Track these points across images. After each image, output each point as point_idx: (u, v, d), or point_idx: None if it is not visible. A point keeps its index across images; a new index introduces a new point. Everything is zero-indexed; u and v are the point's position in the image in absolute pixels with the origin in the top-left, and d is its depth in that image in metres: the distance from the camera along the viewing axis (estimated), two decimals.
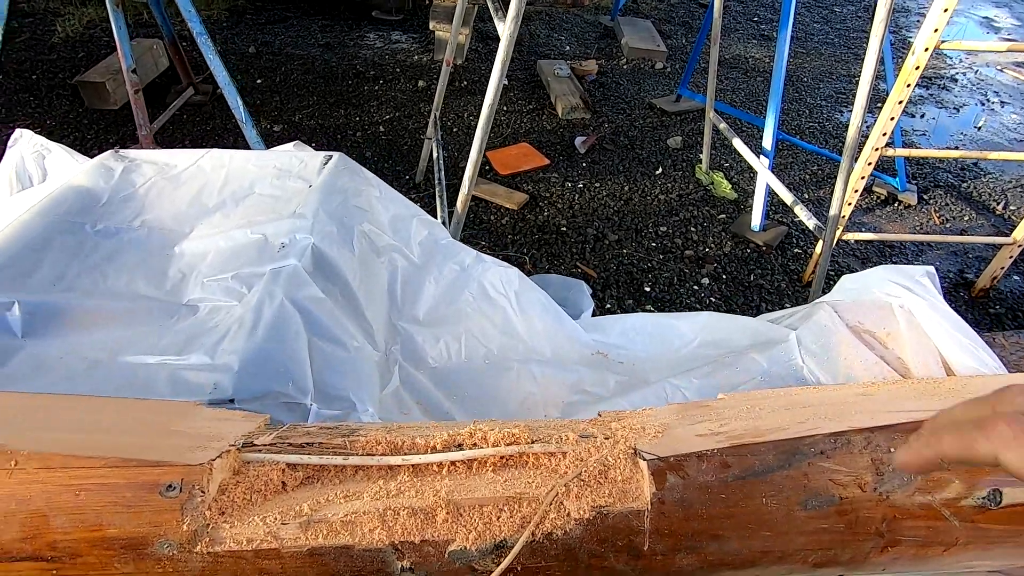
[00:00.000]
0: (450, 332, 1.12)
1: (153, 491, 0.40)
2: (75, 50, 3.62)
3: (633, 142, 3.29)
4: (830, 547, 0.45)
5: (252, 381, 0.73)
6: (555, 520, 0.43)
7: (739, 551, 0.45)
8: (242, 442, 0.47)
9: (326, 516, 0.42)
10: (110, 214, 0.99)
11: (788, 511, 0.44)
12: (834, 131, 3.61)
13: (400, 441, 0.48)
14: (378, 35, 4.23)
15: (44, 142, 1.32)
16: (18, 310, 0.80)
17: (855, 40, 4.94)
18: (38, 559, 0.40)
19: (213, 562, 0.41)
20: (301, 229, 0.95)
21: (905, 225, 2.89)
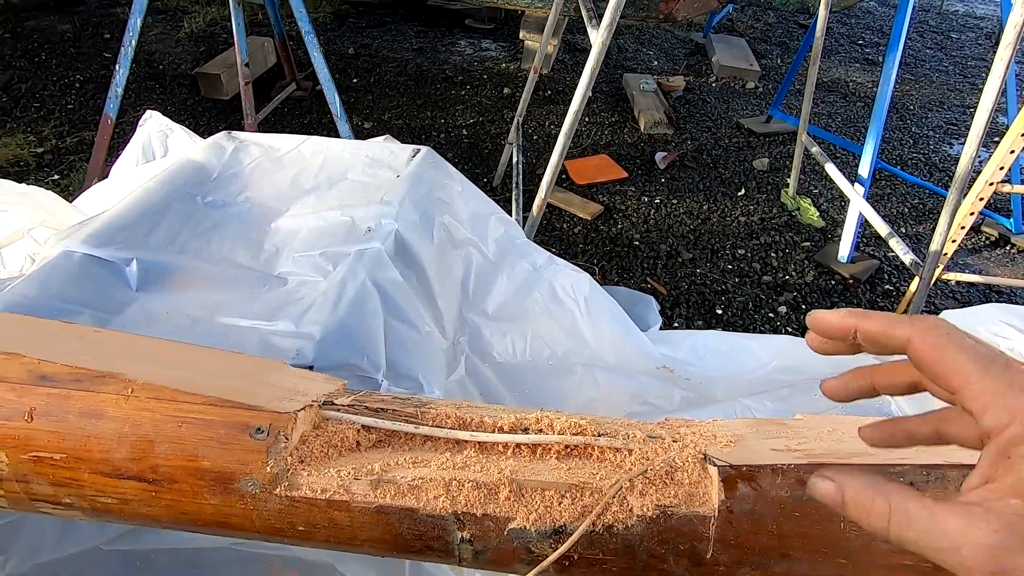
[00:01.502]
0: (517, 329, 1.13)
1: (244, 432, 0.44)
2: (197, 44, 3.97)
3: (716, 161, 3.20)
4: None
5: (331, 351, 0.77)
6: (617, 513, 0.42)
7: (808, 574, 0.42)
8: (323, 400, 0.49)
9: (395, 478, 0.44)
10: (219, 188, 1.08)
11: (869, 541, 0.42)
12: (940, 164, 3.36)
13: (469, 418, 0.50)
14: (469, 42, 4.36)
15: (169, 123, 1.45)
16: (136, 266, 0.88)
17: (972, 69, 4.58)
18: (142, 480, 0.44)
19: (289, 505, 0.44)
20: (387, 215, 1.00)
21: (1017, 271, 2.63)
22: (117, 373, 0.46)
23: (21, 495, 0.45)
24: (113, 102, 2.36)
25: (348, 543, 0.45)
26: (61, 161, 2.84)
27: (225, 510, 0.44)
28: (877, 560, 0.42)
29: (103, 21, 4.13)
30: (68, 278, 0.84)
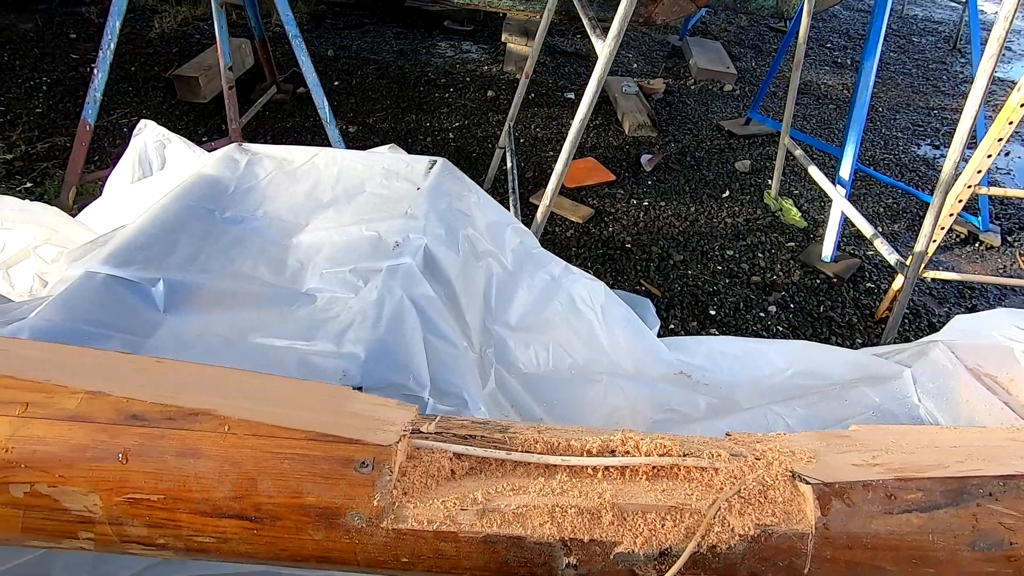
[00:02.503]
0: (539, 340, 1.13)
1: (348, 466, 0.43)
2: (169, 46, 3.84)
3: (700, 163, 3.27)
4: None
5: (376, 370, 0.76)
6: (720, 534, 0.44)
7: None
8: (411, 429, 0.49)
9: (499, 506, 0.44)
10: (236, 203, 1.06)
11: (954, 551, 0.44)
12: (910, 164, 3.50)
13: (556, 442, 0.50)
14: (449, 44, 4.34)
15: (165, 133, 1.41)
16: (162, 286, 0.86)
17: (934, 72, 4.77)
18: (243, 518, 0.43)
19: (396, 538, 0.43)
20: (414, 229, 0.99)
21: (986, 267, 2.76)
22: (209, 410, 0.45)
23: (112, 538, 0.44)
24: (92, 107, 2.27)
25: (450, 573, 0.45)
26: (32, 168, 2.72)
27: (328, 545, 0.44)
28: (962, 568, 0.44)
29: (67, 20, 3.97)
30: (93, 301, 0.81)
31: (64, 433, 0.43)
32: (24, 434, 0.43)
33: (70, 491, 0.42)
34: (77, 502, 0.42)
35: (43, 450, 0.43)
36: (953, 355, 0.84)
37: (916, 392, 0.81)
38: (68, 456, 0.43)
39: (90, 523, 0.43)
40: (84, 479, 0.42)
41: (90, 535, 0.44)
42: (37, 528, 0.43)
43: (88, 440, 0.43)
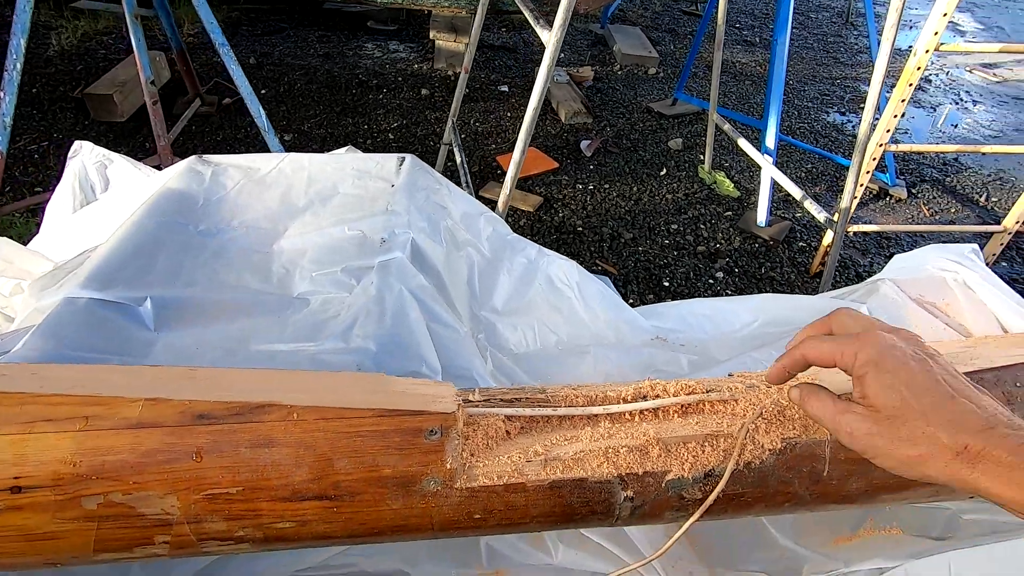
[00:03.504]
0: (524, 321, 1.18)
1: (419, 436, 0.46)
2: (73, 63, 3.59)
3: (636, 144, 3.41)
4: None
5: (391, 361, 0.78)
6: (752, 451, 0.49)
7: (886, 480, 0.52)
8: (461, 399, 0.52)
9: (559, 455, 0.48)
10: (208, 215, 1.03)
11: None
12: (823, 131, 3.78)
13: (593, 394, 0.55)
14: (376, 45, 4.29)
15: (106, 152, 1.35)
16: (150, 304, 0.84)
17: (832, 45, 5.16)
18: (323, 498, 0.45)
19: (469, 496, 0.47)
20: (398, 225, 1.01)
21: (897, 218, 3.05)
22: (274, 402, 0.46)
23: (190, 537, 0.45)
24: (1, 134, 2.10)
25: (519, 523, 0.49)
26: None
27: (406, 512, 0.46)
28: None
29: None
30: (80, 326, 0.78)
31: (132, 440, 0.43)
32: (90, 446, 0.43)
33: (146, 495, 0.43)
34: (154, 505, 0.43)
35: (113, 459, 0.43)
36: (899, 289, 0.95)
37: None
38: (140, 462, 0.43)
39: (168, 525, 0.44)
40: (159, 482, 0.43)
41: (166, 538, 0.45)
42: (112, 539, 0.44)
43: (158, 444, 0.43)
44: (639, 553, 0.74)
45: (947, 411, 0.38)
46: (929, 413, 0.38)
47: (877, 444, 0.40)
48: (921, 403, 0.39)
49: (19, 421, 0.43)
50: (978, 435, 0.37)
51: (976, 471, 0.36)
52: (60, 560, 0.44)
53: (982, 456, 0.36)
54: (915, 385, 0.40)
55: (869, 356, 0.41)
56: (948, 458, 0.37)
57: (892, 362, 0.40)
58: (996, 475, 0.36)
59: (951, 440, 0.37)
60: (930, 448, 0.38)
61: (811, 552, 0.72)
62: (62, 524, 0.42)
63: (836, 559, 0.70)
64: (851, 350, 0.42)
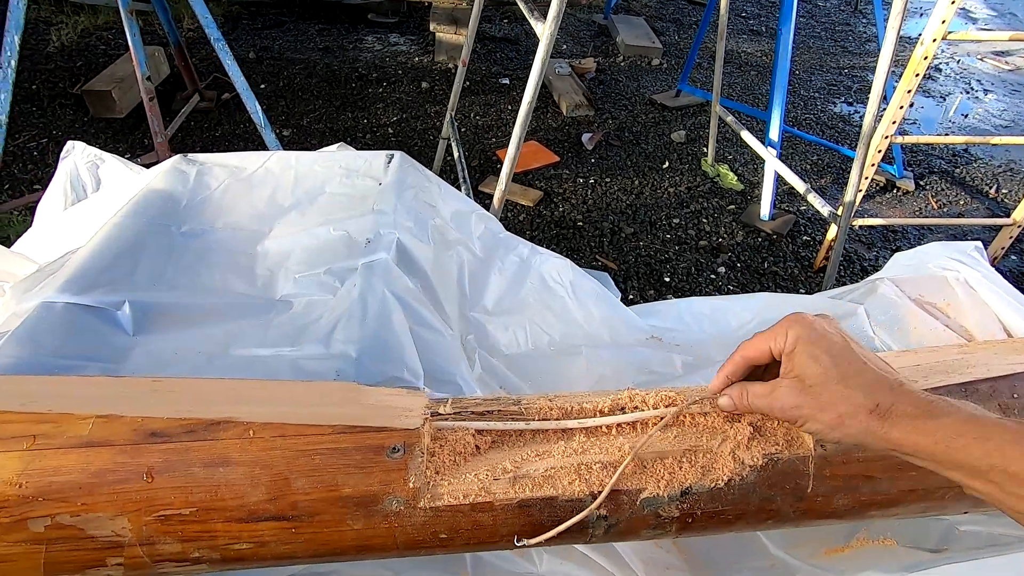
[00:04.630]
0: (516, 321, 1.16)
1: (380, 453, 0.44)
2: (72, 59, 3.58)
3: (638, 137, 3.36)
4: None
5: (372, 367, 0.76)
6: (733, 468, 0.47)
7: (888, 491, 0.50)
8: (430, 412, 0.50)
9: (528, 472, 0.46)
10: (192, 216, 1.02)
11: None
12: (829, 122, 3.72)
13: (569, 406, 0.53)
14: (376, 38, 4.25)
15: (97, 152, 1.33)
16: (128, 309, 0.82)
17: (840, 34, 5.07)
18: (280, 518, 0.43)
19: (434, 516, 0.45)
20: (384, 224, 0.99)
21: (904, 210, 2.99)
22: (230, 418, 0.45)
23: (144, 559, 0.43)
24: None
25: (487, 542, 0.47)
26: None
27: (368, 533, 0.45)
28: None
29: None
30: (57, 332, 0.77)
31: (81, 460, 0.42)
32: (37, 467, 0.41)
33: (96, 517, 0.41)
34: (104, 527, 0.42)
35: (61, 480, 0.41)
36: (898, 289, 0.92)
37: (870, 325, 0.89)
38: (89, 482, 0.41)
39: (119, 547, 0.42)
40: (109, 503, 0.42)
41: (119, 560, 0.43)
42: (62, 561, 0.42)
43: (109, 463, 0.42)
44: (625, 564, 0.72)
45: (862, 376, 0.43)
46: (848, 377, 0.43)
47: (804, 411, 0.44)
48: (840, 369, 0.43)
49: None
50: (888, 393, 0.41)
51: (886, 424, 0.40)
52: None
53: (891, 411, 0.40)
54: (835, 354, 0.44)
55: (798, 333, 0.46)
56: (864, 416, 0.41)
57: (816, 335, 0.45)
58: (903, 426, 0.40)
59: (866, 399, 0.41)
60: (848, 407, 0.42)
61: (802, 563, 0.70)
62: (9, 547, 0.41)
63: (828, 570, 0.68)
64: (782, 331, 0.47)
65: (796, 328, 0.46)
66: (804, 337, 0.45)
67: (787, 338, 0.46)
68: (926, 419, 0.39)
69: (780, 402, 0.45)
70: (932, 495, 0.51)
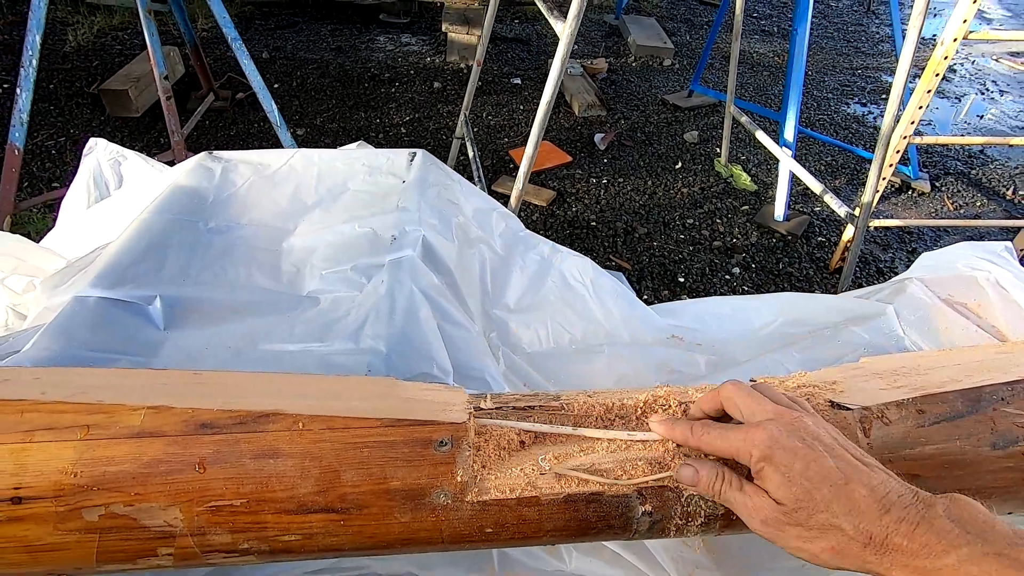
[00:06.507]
0: (538, 319, 1.16)
1: (428, 447, 0.44)
2: (89, 59, 3.62)
3: (650, 138, 3.36)
4: (1012, 484, 0.50)
5: (401, 362, 0.77)
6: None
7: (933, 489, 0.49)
8: (472, 407, 0.50)
9: (574, 467, 0.46)
10: (218, 213, 1.02)
11: (977, 452, 0.49)
12: (843, 123, 3.70)
13: (610, 403, 0.52)
14: (388, 38, 4.26)
15: (120, 149, 1.34)
16: (159, 303, 0.83)
17: (853, 34, 5.04)
18: (329, 511, 0.43)
19: (481, 510, 0.45)
20: (409, 222, 0.99)
21: (920, 212, 2.97)
22: (279, 410, 0.45)
23: (194, 549, 0.43)
24: (19, 130, 2.12)
25: (532, 537, 0.47)
26: None
27: (415, 526, 0.45)
28: (985, 467, 0.50)
29: None
30: (90, 325, 0.78)
31: (134, 450, 0.42)
32: (91, 456, 0.42)
33: (148, 507, 0.42)
34: (156, 517, 0.42)
35: (114, 470, 0.42)
36: (927, 288, 0.91)
37: (900, 325, 0.88)
38: (142, 473, 0.42)
39: (171, 537, 0.43)
40: (162, 493, 0.42)
41: (170, 550, 0.43)
42: (114, 551, 0.42)
43: (161, 454, 0.42)
44: (656, 562, 0.72)
45: (844, 499, 0.38)
46: (831, 503, 0.38)
47: (791, 539, 0.39)
48: (821, 493, 0.38)
49: (19, 430, 0.42)
50: (876, 522, 0.37)
51: (886, 560, 0.36)
52: (63, 571, 0.43)
53: (886, 545, 0.36)
54: (811, 475, 0.39)
55: (762, 453, 0.41)
56: (858, 549, 0.37)
57: (784, 455, 0.40)
58: (903, 564, 0.35)
59: (855, 531, 0.37)
60: (839, 540, 0.37)
61: None
62: (63, 536, 0.41)
63: None
64: (744, 449, 0.42)
65: (759, 448, 0.40)
66: (770, 459, 0.40)
67: (752, 457, 0.41)
68: (935, 557, 0.34)
69: (763, 515, 0.40)
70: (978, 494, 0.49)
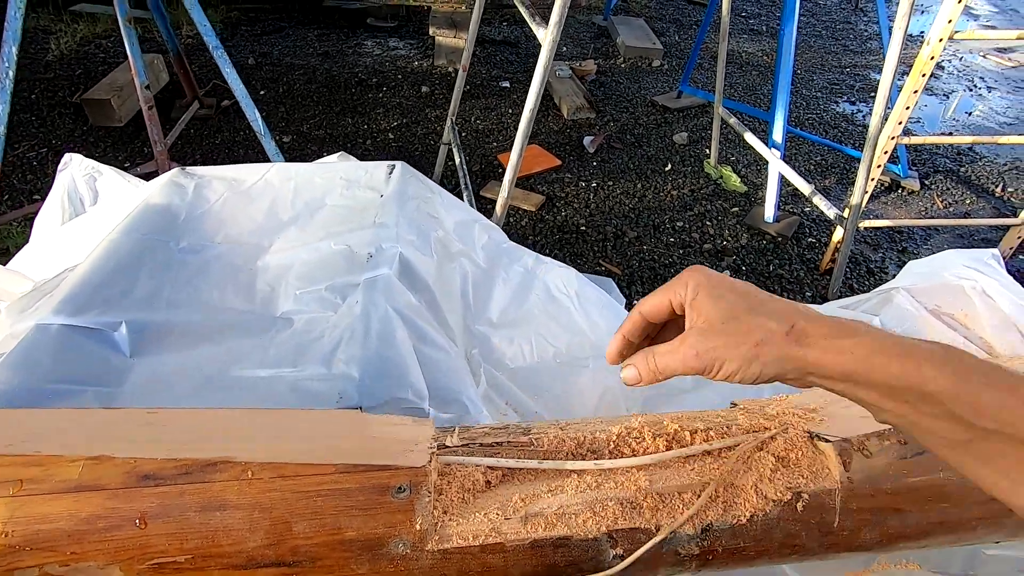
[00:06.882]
0: (521, 333, 1.14)
1: (385, 493, 0.42)
2: (71, 68, 3.58)
3: (640, 140, 3.34)
4: (999, 515, 0.48)
5: (375, 388, 0.74)
6: (755, 503, 0.45)
7: (918, 523, 0.47)
8: (437, 445, 0.48)
9: (541, 510, 0.44)
10: (190, 231, 1.00)
11: (963, 483, 0.47)
12: (832, 121, 3.69)
13: (582, 436, 0.50)
14: (375, 42, 4.24)
15: (95, 165, 1.32)
16: (125, 329, 0.80)
17: (841, 32, 5.04)
18: (281, 564, 0.41)
19: (442, 559, 0.43)
20: (386, 238, 0.97)
21: (910, 210, 2.97)
22: (227, 458, 0.42)
23: None
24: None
25: None
26: None
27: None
28: (972, 498, 0.48)
29: None
30: (52, 355, 0.75)
31: (70, 506, 0.40)
32: (24, 514, 0.39)
33: (86, 567, 0.39)
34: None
35: (49, 528, 0.39)
36: (914, 299, 0.90)
37: None
38: (79, 530, 0.39)
39: None
40: (100, 552, 0.39)
41: None
42: None
43: (99, 509, 0.40)
44: None
45: (770, 306, 0.42)
46: (756, 308, 0.42)
47: (719, 351, 0.41)
48: (748, 302, 0.42)
49: None
50: (802, 317, 0.41)
51: (803, 347, 0.39)
52: None
53: (807, 332, 0.39)
54: (738, 290, 0.43)
55: (697, 280, 0.44)
56: (780, 339, 0.40)
57: (716, 278, 0.45)
58: (820, 346, 0.39)
59: (778, 324, 0.40)
60: (764, 335, 0.40)
61: None
62: None
63: None
64: (680, 284, 0.45)
65: (695, 276, 0.45)
66: (704, 283, 0.44)
67: (688, 288, 0.44)
68: (843, 337, 0.38)
69: (692, 349, 0.42)
70: (963, 526, 0.48)
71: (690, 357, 0.42)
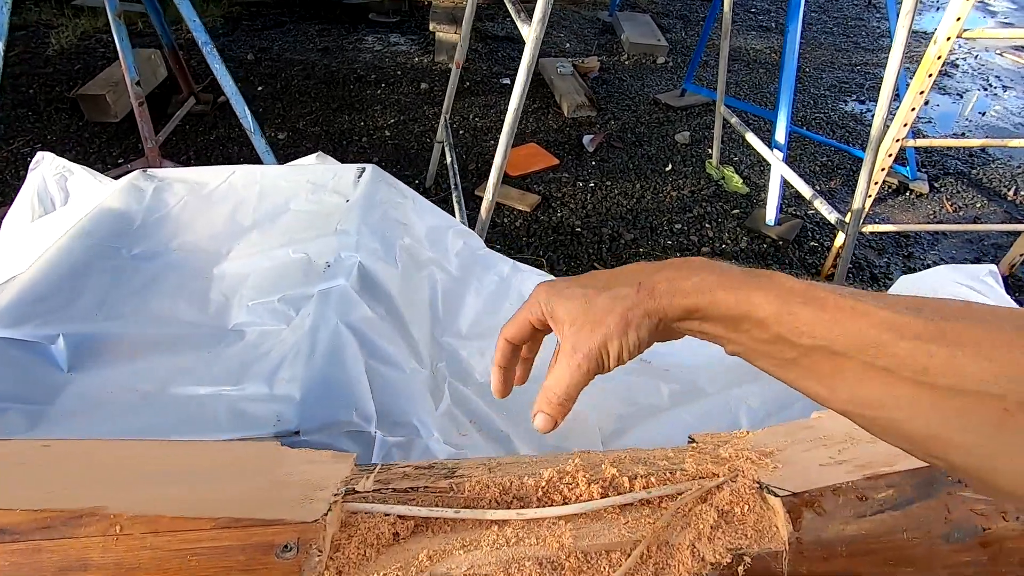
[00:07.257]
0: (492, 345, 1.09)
1: (269, 552, 0.38)
2: (71, 62, 3.57)
3: (641, 139, 3.27)
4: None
5: (315, 410, 0.70)
6: (691, 566, 0.40)
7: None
8: (344, 490, 0.44)
9: (448, 571, 0.40)
10: (145, 237, 0.96)
11: (930, 545, 0.42)
12: (840, 121, 3.60)
13: (508, 482, 0.46)
14: (376, 38, 4.19)
15: (66, 164, 1.28)
16: (63, 343, 0.77)
17: (853, 29, 4.93)
18: None
19: None
20: (346, 247, 0.92)
21: (917, 214, 2.88)
22: (97, 508, 0.38)
23: None
24: None
25: None
26: None
27: None
28: (939, 561, 0.43)
29: None
30: None
31: None
32: None
33: None
34: None
35: None
36: None
37: None
38: None
39: None
40: None
41: None
42: None
43: None
44: None
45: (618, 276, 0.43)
46: (608, 284, 0.43)
47: (598, 339, 0.41)
48: (596, 283, 0.43)
49: None
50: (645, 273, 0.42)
51: (655, 298, 0.40)
52: None
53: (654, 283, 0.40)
54: (583, 281, 0.44)
55: (547, 292, 0.45)
56: (636, 299, 0.40)
57: (560, 283, 0.45)
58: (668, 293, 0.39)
59: (630, 288, 0.41)
60: (623, 303, 0.41)
61: None
62: None
63: None
64: (533, 302, 0.46)
65: (542, 289, 0.46)
66: (552, 290, 0.45)
67: (541, 303, 0.45)
68: (685, 279, 0.39)
69: (576, 354, 0.42)
70: None
71: (578, 361, 0.42)
